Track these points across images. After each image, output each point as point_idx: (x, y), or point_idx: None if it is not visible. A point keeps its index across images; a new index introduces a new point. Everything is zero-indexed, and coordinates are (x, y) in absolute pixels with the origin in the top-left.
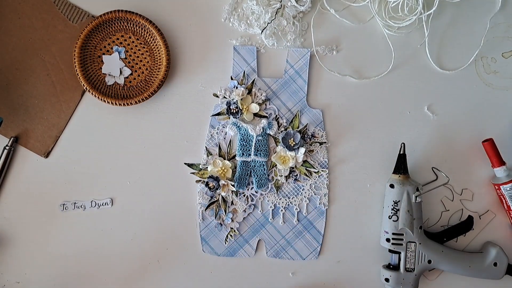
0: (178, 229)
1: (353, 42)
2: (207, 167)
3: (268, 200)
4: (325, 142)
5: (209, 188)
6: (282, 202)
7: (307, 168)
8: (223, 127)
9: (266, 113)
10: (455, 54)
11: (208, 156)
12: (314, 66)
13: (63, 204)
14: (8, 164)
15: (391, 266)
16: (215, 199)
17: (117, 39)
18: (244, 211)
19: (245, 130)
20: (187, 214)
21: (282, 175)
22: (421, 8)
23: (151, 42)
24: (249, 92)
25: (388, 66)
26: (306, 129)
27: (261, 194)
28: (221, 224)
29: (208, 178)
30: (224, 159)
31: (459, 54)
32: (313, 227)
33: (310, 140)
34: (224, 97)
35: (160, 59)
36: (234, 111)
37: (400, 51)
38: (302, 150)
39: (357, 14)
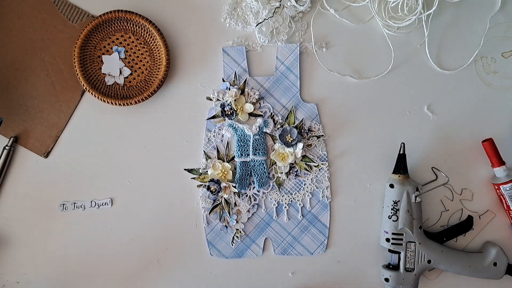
0: (178, 229)
1: (353, 42)
2: (207, 171)
3: (271, 198)
4: (322, 135)
5: (211, 192)
6: (285, 199)
7: (307, 163)
8: (220, 129)
9: (261, 111)
10: (455, 54)
11: (207, 159)
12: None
13: (63, 204)
14: (8, 164)
15: (391, 266)
16: (218, 202)
17: (117, 39)
18: (248, 211)
19: (242, 131)
20: (187, 213)
21: (282, 172)
22: (420, 8)
23: (151, 42)
24: (242, 92)
25: (388, 66)
26: (302, 124)
27: (264, 193)
28: (227, 227)
29: (209, 181)
30: (223, 161)
31: (459, 54)
32: (318, 221)
33: (307, 134)
34: (218, 99)
35: (160, 59)
36: (229, 113)
37: (400, 51)
38: (300, 145)
39: (357, 14)
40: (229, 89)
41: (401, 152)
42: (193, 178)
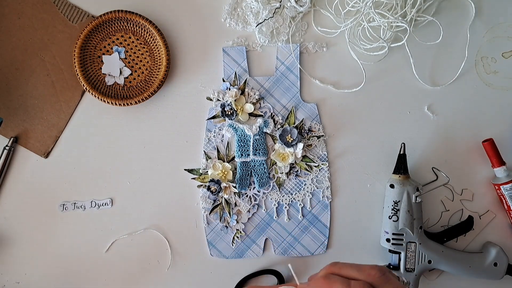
0: (178, 229)
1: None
2: (207, 171)
3: (271, 198)
4: (322, 136)
5: (211, 192)
6: (285, 199)
7: (307, 163)
8: (220, 129)
9: (261, 111)
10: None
11: (207, 160)
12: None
13: (63, 204)
14: (8, 164)
15: (391, 266)
16: (218, 202)
17: (117, 39)
18: (248, 211)
19: (242, 131)
20: (187, 213)
21: (282, 172)
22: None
23: (151, 42)
24: (242, 93)
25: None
26: (303, 124)
27: (264, 193)
28: (227, 227)
29: (209, 182)
30: (224, 161)
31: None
32: (318, 221)
33: (307, 134)
34: (218, 99)
35: (160, 59)
36: (229, 113)
37: (400, 51)
38: (300, 145)
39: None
40: (229, 89)
41: (401, 152)
42: (193, 179)
